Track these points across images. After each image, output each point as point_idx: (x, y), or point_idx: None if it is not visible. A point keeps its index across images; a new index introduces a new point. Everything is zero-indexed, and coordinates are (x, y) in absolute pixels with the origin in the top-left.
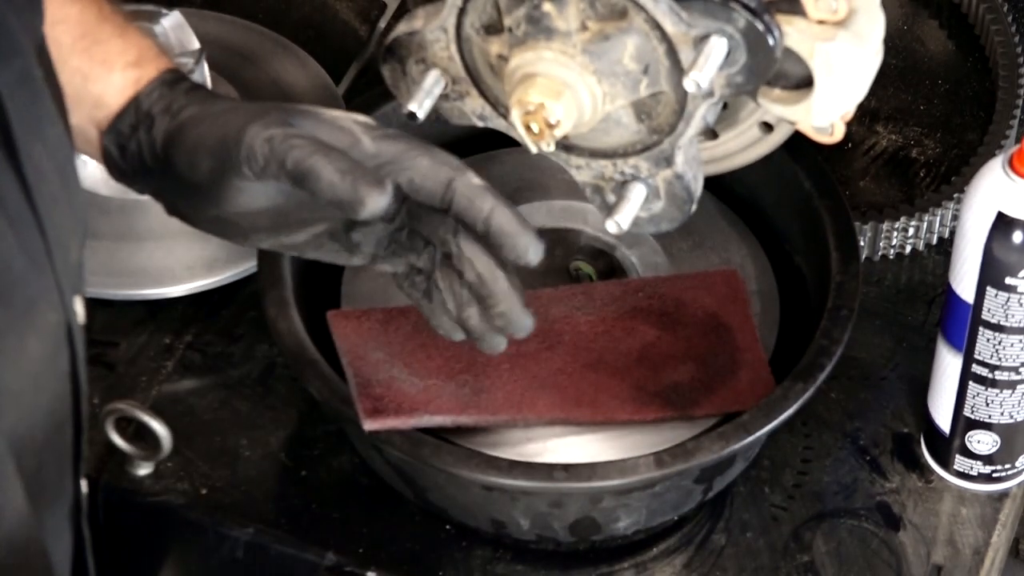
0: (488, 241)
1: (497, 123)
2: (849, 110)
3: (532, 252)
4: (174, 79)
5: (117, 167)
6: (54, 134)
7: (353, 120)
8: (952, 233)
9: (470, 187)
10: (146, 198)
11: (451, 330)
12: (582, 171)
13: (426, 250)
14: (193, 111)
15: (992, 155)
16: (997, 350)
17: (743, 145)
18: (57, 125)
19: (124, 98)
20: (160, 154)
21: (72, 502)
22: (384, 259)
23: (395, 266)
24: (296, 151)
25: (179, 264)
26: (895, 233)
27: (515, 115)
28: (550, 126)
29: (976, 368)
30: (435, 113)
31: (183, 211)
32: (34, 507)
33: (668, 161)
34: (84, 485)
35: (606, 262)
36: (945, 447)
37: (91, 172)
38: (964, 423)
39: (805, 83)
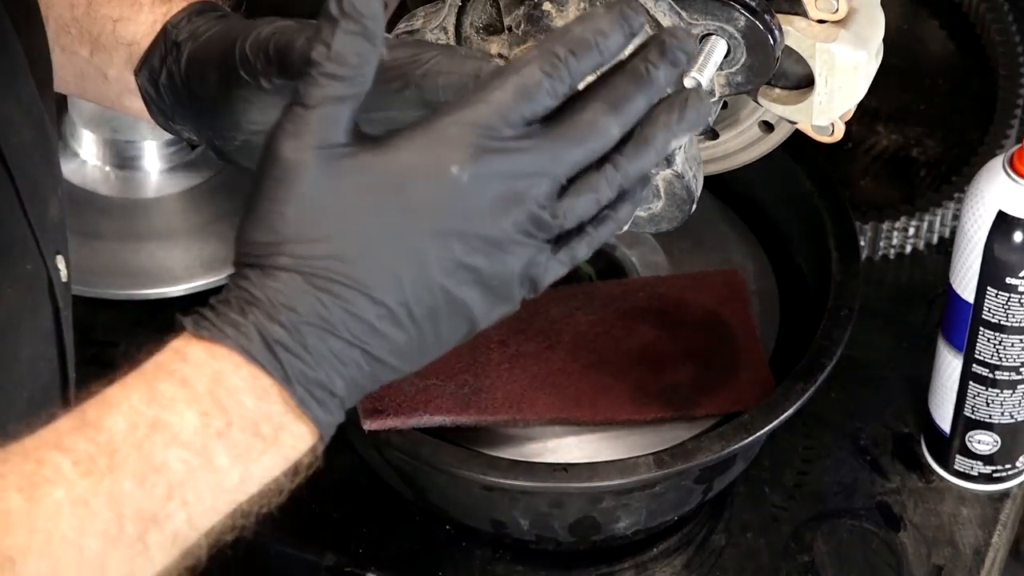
0: None
1: None
2: (849, 110)
3: None
4: (203, 8)
5: (158, 108)
6: (28, 92)
7: None
8: (952, 233)
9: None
10: (146, 198)
11: None
12: None
13: None
14: (212, 33)
15: (993, 155)
16: (997, 350)
17: (743, 145)
18: (30, 84)
19: (154, 34)
20: (184, 80)
21: None
22: None
23: None
24: (280, 35)
25: (179, 264)
26: (895, 233)
27: None
28: None
29: (976, 368)
30: None
31: (217, 144)
32: None
33: (668, 161)
34: None
35: (606, 262)
36: (945, 447)
37: (91, 172)
38: (964, 423)
39: (805, 83)
